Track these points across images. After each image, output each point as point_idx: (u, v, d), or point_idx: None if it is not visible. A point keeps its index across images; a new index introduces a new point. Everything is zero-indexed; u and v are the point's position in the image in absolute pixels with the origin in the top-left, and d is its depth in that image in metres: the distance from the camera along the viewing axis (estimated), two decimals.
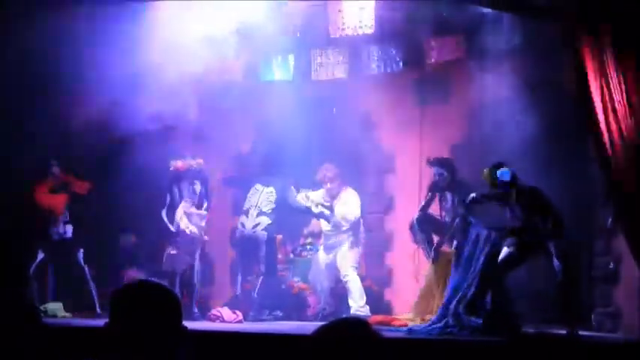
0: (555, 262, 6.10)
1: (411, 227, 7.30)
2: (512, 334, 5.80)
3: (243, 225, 7.99)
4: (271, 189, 8.02)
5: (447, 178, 7.19)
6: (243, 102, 8.40)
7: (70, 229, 8.02)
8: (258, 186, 8.08)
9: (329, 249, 7.96)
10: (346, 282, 7.72)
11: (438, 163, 7.28)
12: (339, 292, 7.98)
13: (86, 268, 8.00)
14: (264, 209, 7.93)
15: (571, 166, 7.21)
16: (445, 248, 7.17)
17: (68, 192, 7.97)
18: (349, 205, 7.91)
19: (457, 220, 6.93)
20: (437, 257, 7.15)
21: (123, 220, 8.72)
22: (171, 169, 7.96)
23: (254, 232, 7.88)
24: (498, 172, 6.39)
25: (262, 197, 8.01)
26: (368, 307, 7.64)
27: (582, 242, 7.12)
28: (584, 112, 5.86)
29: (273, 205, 7.93)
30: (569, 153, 7.27)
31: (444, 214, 7.28)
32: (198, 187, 8.03)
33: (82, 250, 8.01)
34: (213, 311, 7.66)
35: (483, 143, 8.06)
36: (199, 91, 7.61)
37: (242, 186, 8.43)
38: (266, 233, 7.87)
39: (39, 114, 7.68)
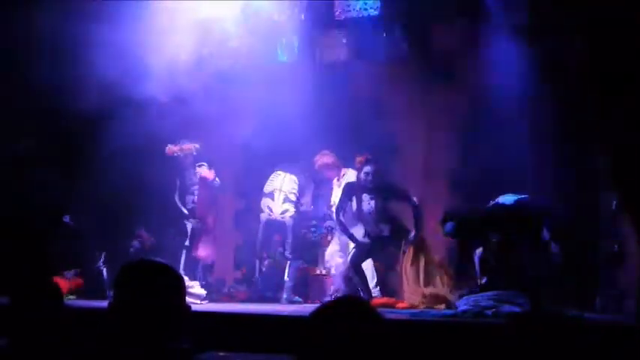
0: (553, 245, 6.15)
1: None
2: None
3: (270, 209, 8.02)
4: (294, 177, 8.07)
5: (373, 178, 7.28)
6: (247, 84, 8.38)
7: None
8: (280, 172, 8.12)
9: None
10: None
11: (368, 161, 7.36)
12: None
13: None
14: (289, 196, 7.99)
15: (576, 148, 7.19)
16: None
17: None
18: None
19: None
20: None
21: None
22: (166, 151, 7.91)
23: (282, 217, 7.95)
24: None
25: (286, 183, 8.05)
26: (378, 288, 7.67)
27: (587, 224, 7.12)
28: (592, 96, 5.84)
29: (297, 195, 8.00)
30: (574, 136, 7.25)
31: (366, 216, 7.36)
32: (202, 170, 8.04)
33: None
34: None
35: (489, 128, 8.05)
36: (202, 73, 7.59)
37: None
38: (292, 221, 7.98)
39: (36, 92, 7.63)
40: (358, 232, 7.44)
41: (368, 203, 7.35)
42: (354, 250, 7.39)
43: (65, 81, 7.38)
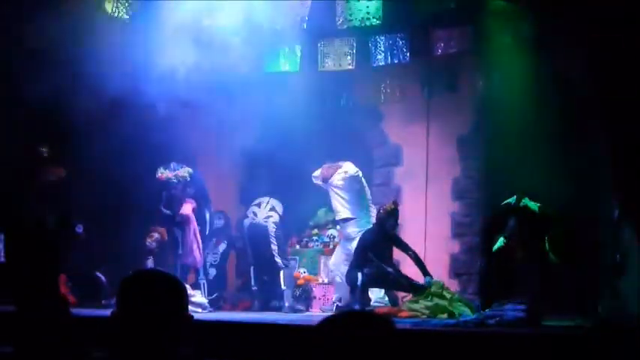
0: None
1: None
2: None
3: (255, 214, 8.08)
4: (279, 202, 8.19)
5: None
6: (250, 93, 8.40)
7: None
8: (267, 197, 8.24)
9: (348, 240, 7.96)
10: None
11: (397, 210, 7.48)
12: None
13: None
14: (276, 207, 8.05)
15: (578, 157, 7.20)
16: None
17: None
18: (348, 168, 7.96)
19: None
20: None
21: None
22: (157, 176, 7.89)
23: (265, 221, 7.98)
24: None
25: (274, 199, 8.15)
26: (387, 298, 7.65)
27: (589, 234, 7.12)
28: (593, 104, 5.85)
29: (281, 215, 8.08)
30: (575, 145, 7.26)
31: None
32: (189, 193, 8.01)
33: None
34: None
35: (490, 134, 8.06)
36: (205, 82, 7.60)
37: None
38: (275, 228, 7.97)
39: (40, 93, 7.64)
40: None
41: (386, 250, 7.44)
42: (373, 271, 7.21)
43: (65, 85, 7.40)
